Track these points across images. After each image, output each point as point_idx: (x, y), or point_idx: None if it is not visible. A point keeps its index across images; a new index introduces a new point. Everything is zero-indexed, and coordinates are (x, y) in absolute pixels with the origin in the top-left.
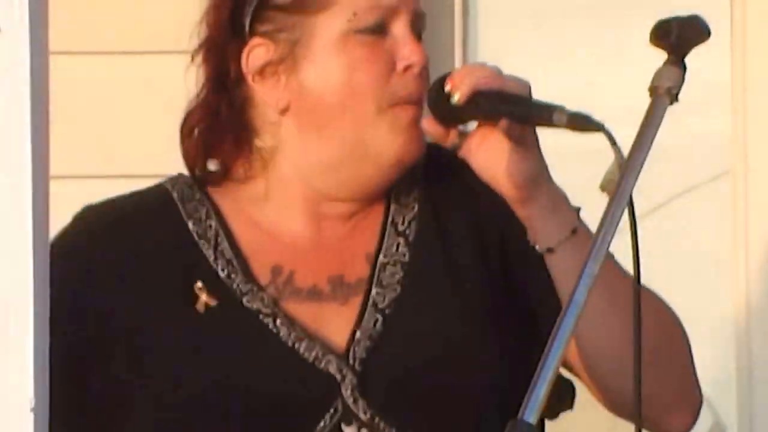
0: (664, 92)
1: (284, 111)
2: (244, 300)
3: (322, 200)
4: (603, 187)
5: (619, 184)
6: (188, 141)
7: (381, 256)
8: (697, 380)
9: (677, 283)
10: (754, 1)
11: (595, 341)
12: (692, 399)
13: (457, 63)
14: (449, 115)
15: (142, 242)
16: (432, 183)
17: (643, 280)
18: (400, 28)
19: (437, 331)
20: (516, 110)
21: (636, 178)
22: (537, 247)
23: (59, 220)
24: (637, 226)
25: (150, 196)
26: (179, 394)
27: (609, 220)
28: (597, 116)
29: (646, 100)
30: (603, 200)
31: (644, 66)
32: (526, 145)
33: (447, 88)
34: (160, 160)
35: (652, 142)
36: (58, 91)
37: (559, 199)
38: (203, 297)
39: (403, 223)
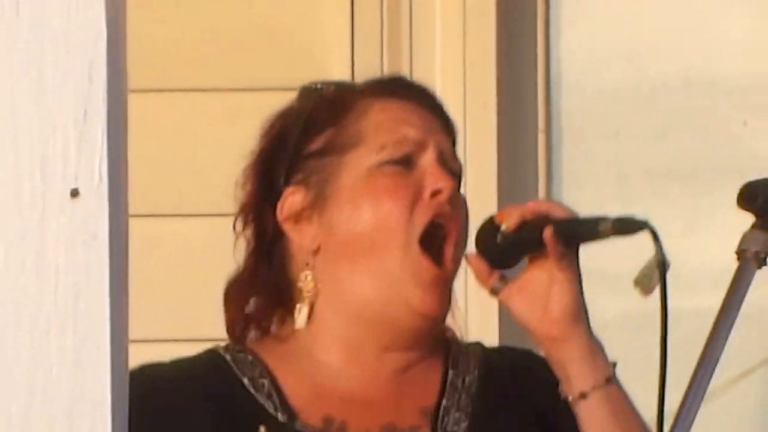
0: (752, 256)
1: (316, 252)
2: None
3: (366, 349)
4: (637, 283)
5: (708, 348)
6: (233, 310)
7: (444, 401)
8: None
9: None
10: None
11: None
12: None
13: None
14: (495, 251)
15: (198, 399)
16: (491, 377)
17: None
18: (427, 160)
19: None
20: (561, 226)
21: (724, 343)
22: (569, 397)
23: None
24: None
25: (203, 357)
26: None
27: (696, 386)
28: (684, 282)
29: (733, 265)
30: None
31: (731, 231)
32: (567, 274)
33: (496, 221)
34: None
35: (739, 308)
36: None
37: (596, 346)
38: None
39: (463, 384)
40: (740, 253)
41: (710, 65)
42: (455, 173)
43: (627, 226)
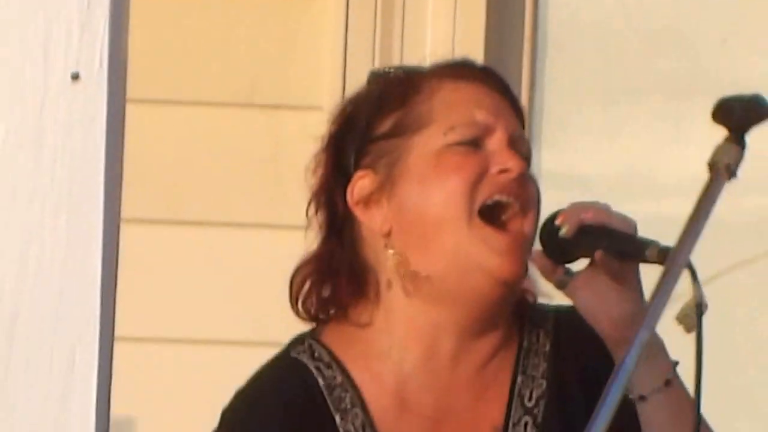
0: (723, 168)
1: (388, 234)
2: None
3: (444, 344)
4: (680, 321)
5: (675, 255)
6: (309, 294)
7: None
8: None
9: (726, 359)
10: None
11: None
12: None
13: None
14: (557, 250)
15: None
16: (560, 357)
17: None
18: (495, 143)
19: None
20: (613, 244)
21: (691, 251)
22: (630, 394)
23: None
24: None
25: (294, 380)
26: None
27: (663, 290)
28: (657, 189)
29: (705, 176)
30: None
31: (704, 143)
32: (626, 285)
33: (557, 222)
34: (228, 208)
35: (708, 217)
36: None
37: (657, 347)
38: None
39: (530, 399)
40: (712, 165)
41: None
42: (525, 156)
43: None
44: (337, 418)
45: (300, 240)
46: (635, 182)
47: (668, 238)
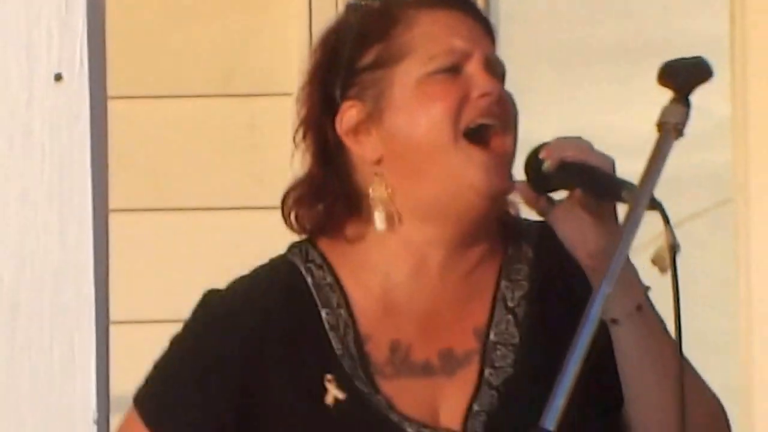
0: (671, 128)
1: (379, 162)
2: (368, 395)
3: (433, 258)
4: (654, 262)
5: (630, 210)
6: (301, 211)
7: (491, 335)
8: None
9: (685, 302)
10: (753, 44)
11: (647, 413)
12: None
13: None
14: (539, 182)
15: (277, 328)
16: (542, 263)
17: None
18: (473, 67)
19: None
20: (591, 183)
21: (645, 207)
22: (611, 319)
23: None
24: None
25: (283, 275)
26: None
27: (625, 238)
28: (609, 150)
29: (654, 135)
30: None
31: (652, 104)
32: (602, 220)
33: (541, 155)
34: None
35: (659, 174)
36: (115, 131)
37: (629, 274)
38: (332, 390)
39: (512, 300)
40: (660, 124)
41: None
42: (501, 76)
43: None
44: (323, 313)
45: (279, 220)
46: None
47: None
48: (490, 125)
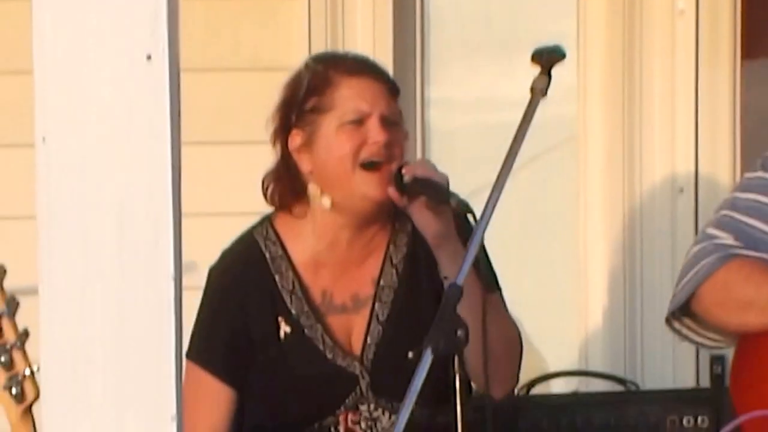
0: (539, 91)
1: (310, 174)
2: (306, 329)
3: (344, 232)
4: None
5: (510, 150)
6: (271, 193)
7: (381, 282)
8: (519, 369)
9: (532, 234)
10: (592, 36)
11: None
12: (513, 382)
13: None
14: (402, 189)
15: (250, 292)
16: (417, 236)
17: (507, 235)
18: (371, 123)
19: (417, 336)
20: (431, 192)
21: (521, 143)
22: (444, 277)
23: None
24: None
25: (251, 253)
26: (277, 380)
27: (504, 171)
28: (505, 105)
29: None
30: None
31: (529, 77)
32: (440, 215)
33: (403, 171)
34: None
35: (532, 118)
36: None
37: (459, 252)
38: (283, 327)
39: (396, 258)
40: (532, 89)
41: None
42: (395, 123)
43: (461, 206)
44: (277, 278)
45: None
46: (489, 102)
47: (513, 127)
48: (377, 161)
